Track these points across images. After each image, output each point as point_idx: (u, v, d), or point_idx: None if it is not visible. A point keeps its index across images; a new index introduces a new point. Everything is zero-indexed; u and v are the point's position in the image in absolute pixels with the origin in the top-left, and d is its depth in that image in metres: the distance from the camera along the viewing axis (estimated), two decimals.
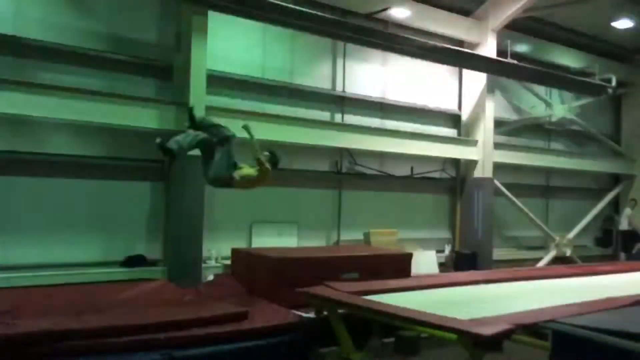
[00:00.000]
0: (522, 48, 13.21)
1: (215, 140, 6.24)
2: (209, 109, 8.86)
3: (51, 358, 4.44)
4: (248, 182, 6.35)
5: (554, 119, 14.26)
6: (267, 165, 6.27)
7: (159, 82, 9.07)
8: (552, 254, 13.71)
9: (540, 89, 14.07)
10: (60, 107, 7.78)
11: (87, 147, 8.52)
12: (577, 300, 5.67)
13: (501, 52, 12.17)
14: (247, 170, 6.33)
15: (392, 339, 6.63)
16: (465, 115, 12.73)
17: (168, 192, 9.09)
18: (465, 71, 12.62)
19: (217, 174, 6.23)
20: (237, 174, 6.25)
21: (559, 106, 14.36)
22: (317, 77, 10.86)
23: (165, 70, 9.08)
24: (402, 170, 11.83)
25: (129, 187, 8.91)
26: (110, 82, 8.61)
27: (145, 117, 8.47)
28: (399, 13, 11.03)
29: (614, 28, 13.43)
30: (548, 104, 14.30)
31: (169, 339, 4.91)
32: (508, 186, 13.10)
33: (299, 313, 5.94)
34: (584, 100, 14.59)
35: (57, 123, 8.08)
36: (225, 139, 6.25)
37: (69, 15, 8.40)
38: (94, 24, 8.60)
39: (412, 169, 11.91)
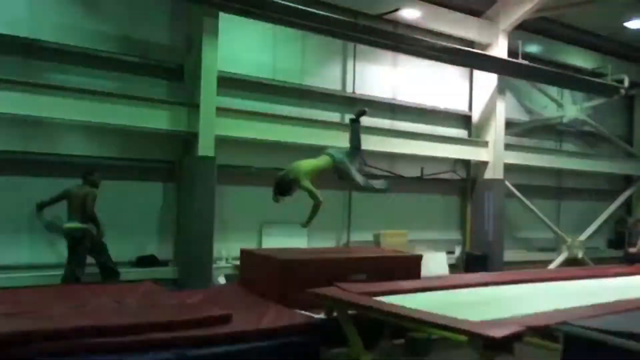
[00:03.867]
0: (533, 48, 13.15)
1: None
2: (220, 110, 8.91)
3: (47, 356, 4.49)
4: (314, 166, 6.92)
5: (565, 120, 14.17)
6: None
7: (170, 83, 9.13)
8: (563, 255, 13.62)
9: (552, 90, 13.98)
10: (72, 108, 7.86)
11: (99, 148, 8.59)
12: (589, 302, 5.63)
13: (512, 52, 12.11)
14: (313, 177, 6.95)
15: (402, 341, 6.61)
16: (476, 116, 12.69)
17: (179, 192, 9.14)
18: (476, 72, 12.57)
19: (341, 154, 7.15)
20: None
21: (570, 107, 14.27)
22: (328, 78, 10.87)
23: (176, 71, 9.14)
24: (412, 171, 11.81)
25: (140, 187, 8.97)
26: (122, 83, 8.68)
27: (156, 118, 8.53)
28: (410, 14, 11.01)
29: (627, 28, 13.33)
30: (560, 105, 14.22)
31: (176, 339, 4.94)
32: (519, 187, 13.03)
33: (309, 314, 5.95)
34: (596, 101, 14.48)
35: (69, 124, 8.15)
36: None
37: (82, 17, 8.48)
38: (106, 26, 8.67)
39: (422, 170, 11.88)
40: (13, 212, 7.97)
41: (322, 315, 5.88)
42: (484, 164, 12.40)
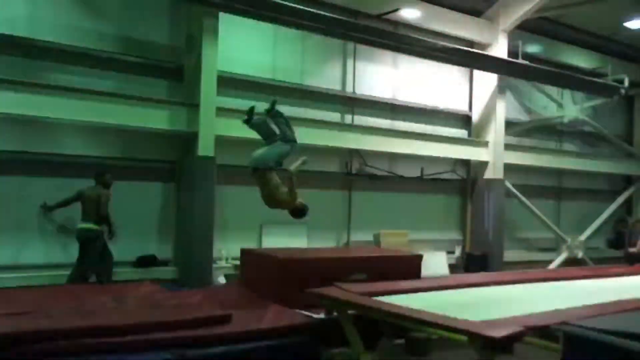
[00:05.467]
0: (533, 48, 13.15)
1: (278, 135, 6.52)
2: (220, 110, 8.91)
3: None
4: (273, 193, 6.47)
5: (565, 120, 14.17)
6: (297, 198, 6.52)
7: (170, 83, 9.14)
8: (563, 255, 13.62)
9: (552, 90, 13.98)
10: (73, 108, 7.86)
11: (99, 148, 8.60)
12: (589, 302, 5.63)
13: (512, 52, 12.12)
14: (283, 185, 6.44)
15: (402, 341, 6.62)
16: (476, 116, 12.69)
17: (179, 192, 9.14)
18: (476, 72, 12.57)
19: (264, 157, 6.40)
20: (275, 175, 6.39)
21: (570, 107, 14.27)
22: (328, 78, 10.87)
23: (176, 71, 9.14)
24: (412, 172, 11.81)
25: (140, 187, 8.97)
26: (122, 83, 8.69)
27: (156, 118, 8.53)
28: (410, 14, 11.01)
29: (626, 28, 13.33)
30: (560, 105, 14.22)
31: (176, 339, 4.94)
32: (519, 187, 13.03)
33: (309, 314, 5.95)
34: (596, 101, 14.48)
35: (69, 124, 8.15)
36: (289, 140, 6.53)
37: (82, 17, 8.49)
38: (106, 26, 8.67)
39: (422, 170, 11.88)
40: (17, 212, 7.98)
41: (322, 315, 5.88)
42: (484, 164, 12.40)
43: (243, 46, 9.81)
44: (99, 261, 7.90)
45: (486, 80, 12.43)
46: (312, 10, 9.17)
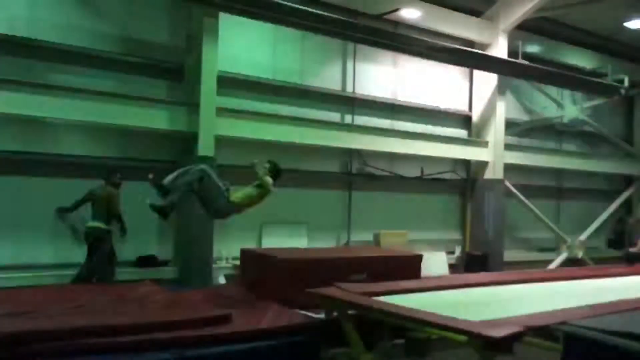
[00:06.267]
0: (533, 48, 13.14)
1: (195, 184, 6.39)
2: (220, 110, 8.91)
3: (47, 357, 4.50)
4: (250, 201, 6.65)
5: (565, 120, 14.17)
6: (267, 179, 6.56)
7: (170, 84, 9.13)
8: (563, 255, 13.61)
9: (552, 90, 13.97)
10: (72, 109, 7.85)
11: (99, 148, 8.59)
12: (589, 302, 5.64)
13: (512, 52, 12.11)
14: (245, 191, 6.58)
15: (402, 341, 6.62)
16: (476, 116, 12.68)
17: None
18: (476, 72, 12.57)
19: (216, 208, 6.51)
20: (235, 198, 6.46)
21: (570, 107, 14.27)
22: (328, 78, 10.87)
23: (176, 71, 9.13)
24: (412, 171, 11.81)
25: (140, 187, 8.93)
26: (122, 83, 8.68)
27: (156, 118, 8.52)
28: (410, 14, 11.00)
29: (627, 28, 13.32)
30: (560, 105, 14.22)
31: (176, 339, 4.94)
32: (519, 187, 13.03)
33: (309, 314, 5.96)
34: (596, 101, 14.49)
35: (69, 124, 8.15)
36: (201, 177, 6.40)
37: (82, 17, 8.48)
38: (106, 26, 8.67)
39: (422, 170, 11.88)
40: (17, 213, 7.97)
41: (322, 315, 5.88)
42: (484, 164, 12.39)
43: (243, 46, 9.80)
44: (106, 261, 7.88)
45: (486, 80, 12.42)
46: (312, 10, 9.16)
